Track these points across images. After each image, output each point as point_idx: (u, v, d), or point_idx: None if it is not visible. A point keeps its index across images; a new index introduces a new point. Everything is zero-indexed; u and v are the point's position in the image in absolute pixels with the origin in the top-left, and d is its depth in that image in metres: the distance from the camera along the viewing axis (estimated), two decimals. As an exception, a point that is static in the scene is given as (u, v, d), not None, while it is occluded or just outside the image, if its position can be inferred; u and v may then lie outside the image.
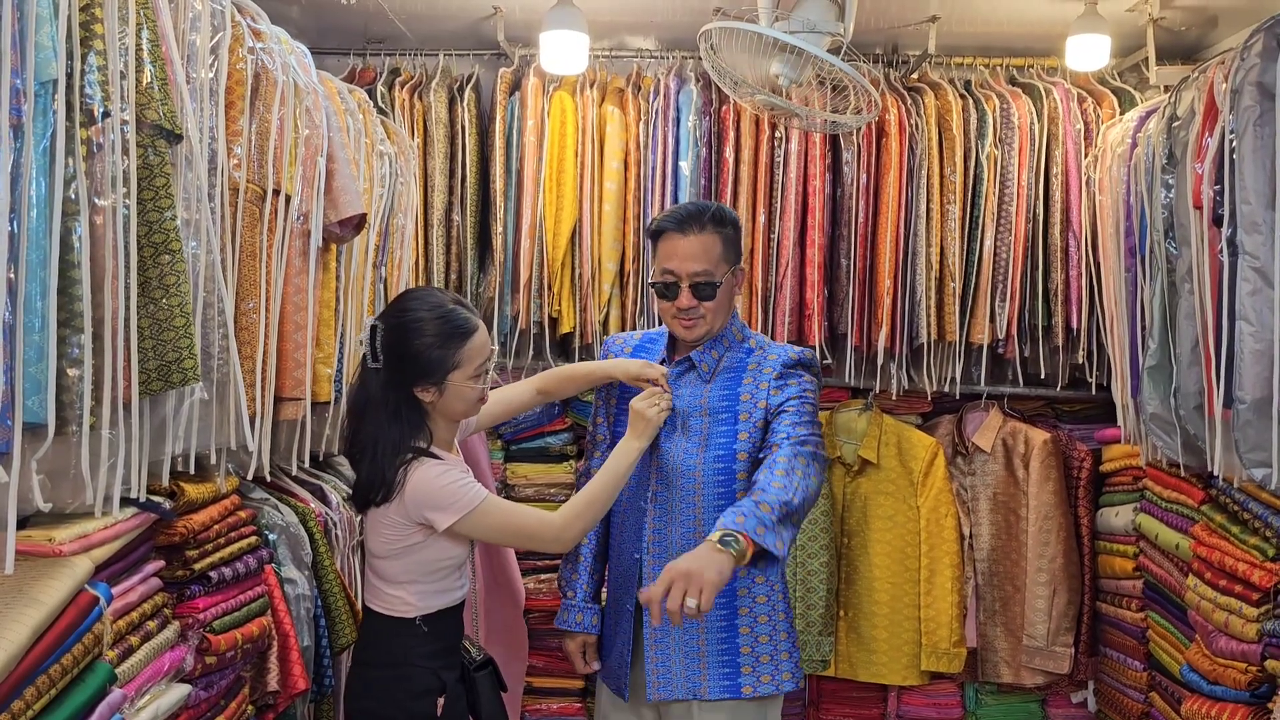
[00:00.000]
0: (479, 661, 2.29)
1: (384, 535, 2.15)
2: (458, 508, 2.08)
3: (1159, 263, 2.71)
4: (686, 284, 2.27)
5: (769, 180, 3.58)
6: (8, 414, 1.38)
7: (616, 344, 2.54)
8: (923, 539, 3.62)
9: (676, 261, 2.27)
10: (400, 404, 2.13)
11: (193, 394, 1.89)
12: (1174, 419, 2.65)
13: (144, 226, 1.72)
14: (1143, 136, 2.88)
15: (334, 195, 2.43)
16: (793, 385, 2.28)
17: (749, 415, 2.27)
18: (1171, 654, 2.95)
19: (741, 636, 2.27)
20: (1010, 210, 3.52)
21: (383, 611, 2.19)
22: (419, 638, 2.16)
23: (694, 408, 2.31)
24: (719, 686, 2.26)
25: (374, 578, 2.21)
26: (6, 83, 1.36)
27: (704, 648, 2.27)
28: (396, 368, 2.12)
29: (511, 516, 2.19)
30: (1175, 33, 3.57)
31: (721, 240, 2.29)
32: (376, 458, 2.11)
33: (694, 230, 2.27)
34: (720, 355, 2.35)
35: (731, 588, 2.25)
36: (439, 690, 2.15)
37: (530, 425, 3.78)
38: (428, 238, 3.64)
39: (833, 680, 3.74)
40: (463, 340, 2.12)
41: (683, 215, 2.30)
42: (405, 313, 2.13)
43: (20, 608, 1.52)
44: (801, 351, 2.35)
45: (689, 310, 2.28)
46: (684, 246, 2.27)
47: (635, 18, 3.68)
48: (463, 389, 2.14)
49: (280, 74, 2.21)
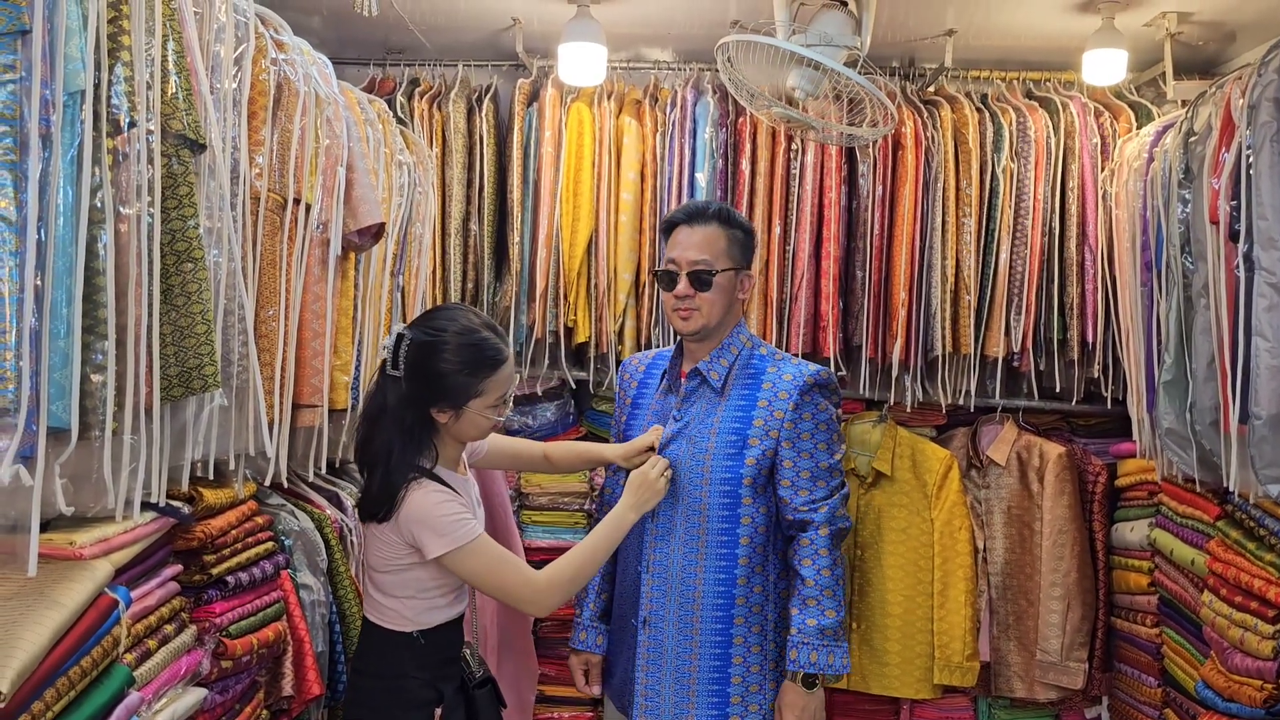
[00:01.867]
0: (479, 679, 2.25)
1: (381, 552, 2.12)
2: (449, 540, 2.04)
3: (1175, 277, 2.70)
4: (685, 272, 2.30)
5: (784, 192, 3.59)
6: (33, 418, 1.40)
7: (632, 365, 2.56)
8: (936, 552, 3.61)
9: (678, 250, 2.33)
10: (414, 422, 2.09)
11: (213, 400, 1.91)
12: (1189, 434, 2.64)
13: (167, 235, 1.74)
14: (1159, 151, 2.87)
15: (353, 204, 2.46)
16: (807, 420, 2.28)
17: (759, 442, 2.27)
18: (1187, 670, 2.94)
19: (734, 666, 2.26)
20: (1026, 224, 3.52)
21: (380, 623, 2.16)
22: (416, 650, 2.13)
23: (705, 426, 2.30)
24: (707, 715, 2.26)
25: (372, 589, 2.18)
26: (36, 93, 1.39)
27: (695, 674, 2.27)
28: (417, 385, 2.08)
29: (497, 565, 2.09)
30: (1193, 47, 3.57)
31: (726, 236, 2.33)
32: (389, 475, 2.07)
33: (699, 221, 2.33)
34: (730, 364, 2.34)
35: (729, 615, 2.26)
36: (435, 701, 2.13)
37: (545, 434, 3.80)
38: (445, 247, 3.66)
39: (844, 692, 3.73)
40: (490, 370, 2.09)
41: (691, 207, 2.40)
42: (436, 331, 2.09)
43: (42, 610, 1.54)
44: (817, 372, 2.33)
45: (685, 299, 2.31)
46: (687, 236, 2.33)
47: (653, 30, 3.69)
48: (479, 417, 2.12)
49: (302, 84, 2.24)
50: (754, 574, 2.26)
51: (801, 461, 2.26)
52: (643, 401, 2.46)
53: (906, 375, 3.60)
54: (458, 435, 2.15)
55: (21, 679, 1.43)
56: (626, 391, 2.53)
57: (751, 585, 2.26)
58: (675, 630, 2.28)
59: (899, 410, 3.72)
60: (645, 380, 2.50)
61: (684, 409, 2.36)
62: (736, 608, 2.26)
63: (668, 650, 2.28)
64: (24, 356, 1.37)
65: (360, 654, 2.26)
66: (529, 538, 3.73)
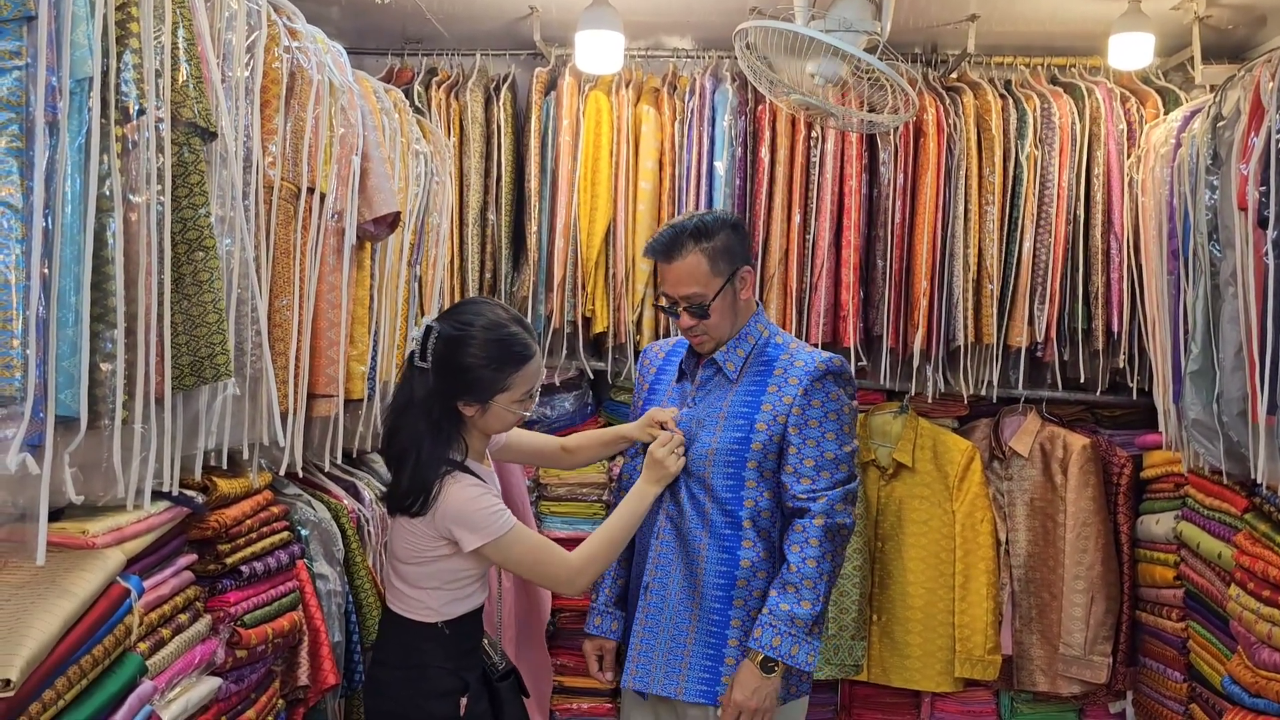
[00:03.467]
0: (501, 671, 2.27)
1: (409, 543, 2.14)
2: (487, 532, 2.07)
3: (1202, 265, 2.66)
4: (682, 306, 2.30)
5: (805, 180, 3.56)
6: (41, 407, 1.40)
7: (652, 351, 2.57)
8: (958, 544, 3.58)
9: (668, 286, 2.32)
10: (441, 415, 2.11)
11: (225, 389, 1.91)
12: (1217, 425, 2.60)
13: (178, 223, 1.73)
14: (1187, 137, 2.82)
15: (368, 193, 2.45)
16: (816, 407, 2.25)
17: (766, 426, 2.25)
18: (1213, 665, 2.90)
19: (729, 648, 2.24)
20: (1050, 211, 3.47)
21: (403, 614, 2.18)
22: (441, 641, 2.15)
23: (714, 410, 2.31)
24: (696, 690, 2.24)
25: (396, 580, 2.20)
26: (43, 80, 1.38)
27: (690, 647, 2.26)
28: (444, 378, 2.10)
29: (535, 550, 2.15)
30: (1221, 31, 3.50)
31: (707, 257, 2.28)
32: (420, 468, 2.08)
33: (677, 255, 2.28)
34: (746, 354, 2.34)
35: (728, 597, 2.25)
36: (461, 690, 2.14)
37: (564, 424, 3.79)
38: (463, 236, 3.65)
39: (865, 685, 3.71)
40: (517, 366, 2.11)
41: (664, 242, 2.31)
42: (464, 326, 2.10)
43: (52, 599, 1.54)
44: (829, 359, 2.30)
45: (690, 329, 2.33)
46: (670, 274, 2.30)
47: (671, 17, 3.67)
48: (505, 412, 2.14)
49: (315, 73, 2.23)
50: (759, 560, 2.24)
51: (807, 449, 2.23)
52: (659, 388, 2.47)
53: (928, 365, 3.57)
54: (484, 428, 2.18)
55: (31, 667, 1.43)
56: (645, 377, 2.53)
57: (755, 570, 2.24)
58: (676, 599, 2.28)
59: (920, 401, 3.69)
60: (664, 366, 2.51)
61: (698, 396, 2.36)
62: (737, 590, 2.25)
63: (665, 618, 2.28)
64: (30, 344, 1.36)
65: (381, 644, 2.27)
66: (547, 528, 3.72)
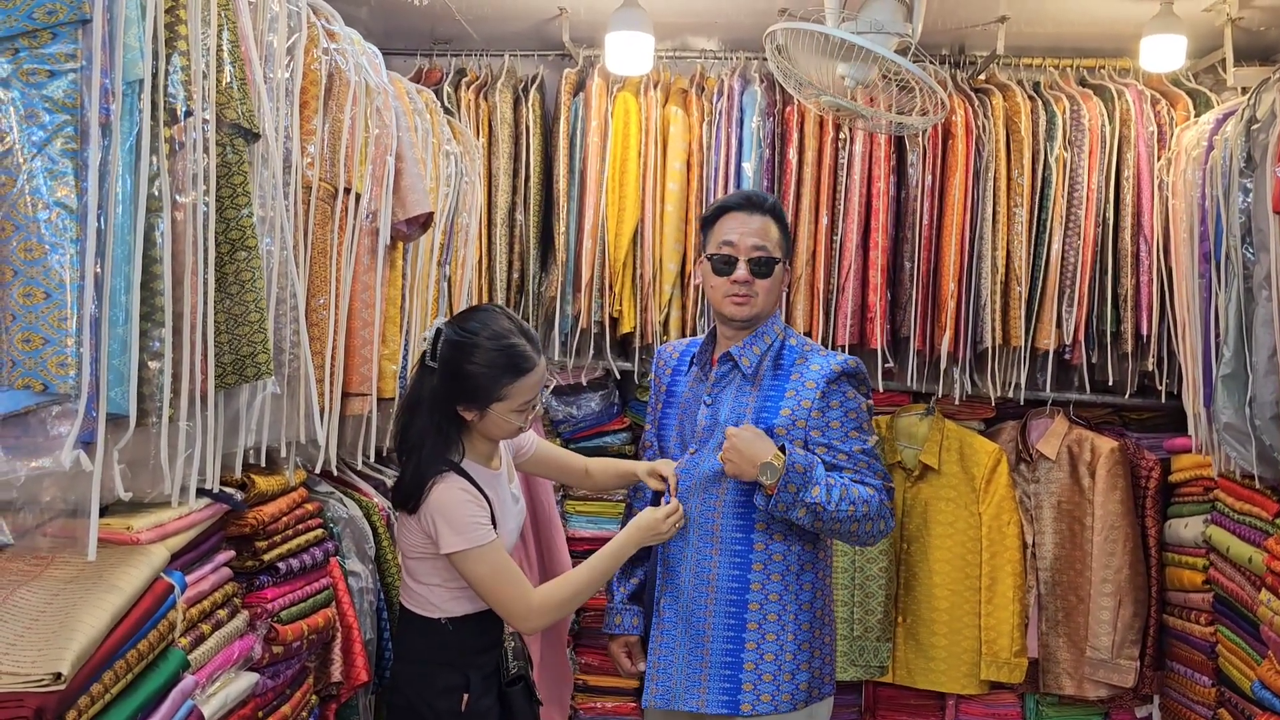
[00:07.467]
0: (512, 675, 2.27)
1: (408, 539, 2.20)
2: (463, 539, 2.09)
3: (1235, 268, 2.64)
4: (745, 258, 2.30)
5: (832, 182, 3.56)
6: (93, 404, 1.42)
7: (666, 351, 2.56)
8: (984, 546, 3.57)
9: (737, 235, 2.31)
10: (444, 416, 2.16)
11: (265, 388, 1.93)
12: (1249, 429, 2.59)
13: (221, 223, 1.76)
14: (1220, 139, 2.81)
15: (402, 194, 2.47)
16: (835, 409, 2.26)
17: (786, 432, 2.25)
18: (1242, 670, 2.88)
19: (747, 652, 2.24)
20: (1079, 214, 3.46)
21: (412, 609, 2.23)
22: (445, 636, 2.19)
23: (735, 416, 2.29)
24: (718, 701, 2.24)
25: (406, 575, 2.25)
26: (97, 82, 1.40)
27: (707, 658, 2.25)
28: (446, 381, 2.14)
29: (501, 573, 2.12)
30: (1254, 33, 3.48)
31: (779, 228, 2.35)
32: (420, 466, 2.13)
33: (757, 210, 2.33)
34: (764, 351, 2.33)
35: (742, 600, 2.25)
36: (463, 687, 2.16)
37: (589, 424, 3.80)
38: (491, 237, 3.67)
39: (890, 687, 3.71)
40: (515, 377, 2.13)
41: (747, 194, 2.39)
42: (470, 333, 2.14)
43: (100, 593, 1.56)
44: (845, 361, 2.30)
45: (743, 284, 2.29)
46: (743, 223, 2.32)
47: (700, 19, 3.67)
48: (501, 420, 2.16)
49: (353, 74, 2.25)
50: (772, 564, 2.25)
51: (837, 447, 2.25)
52: (676, 389, 2.46)
53: (955, 367, 3.56)
54: (484, 433, 2.21)
55: (82, 661, 1.45)
56: (661, 379, 2.53)
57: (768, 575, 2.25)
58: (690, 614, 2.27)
59: (947, 403, 3.68)
60: (679, 367, 2.50)
61: (715, 393, 2.35)
62: (751, 593, 2.25)
63: (680, 632, 2.27)
64: (84, 343, 1.38)
65: (397, 639, 2.33)
66: (572, 527, 3.73)
